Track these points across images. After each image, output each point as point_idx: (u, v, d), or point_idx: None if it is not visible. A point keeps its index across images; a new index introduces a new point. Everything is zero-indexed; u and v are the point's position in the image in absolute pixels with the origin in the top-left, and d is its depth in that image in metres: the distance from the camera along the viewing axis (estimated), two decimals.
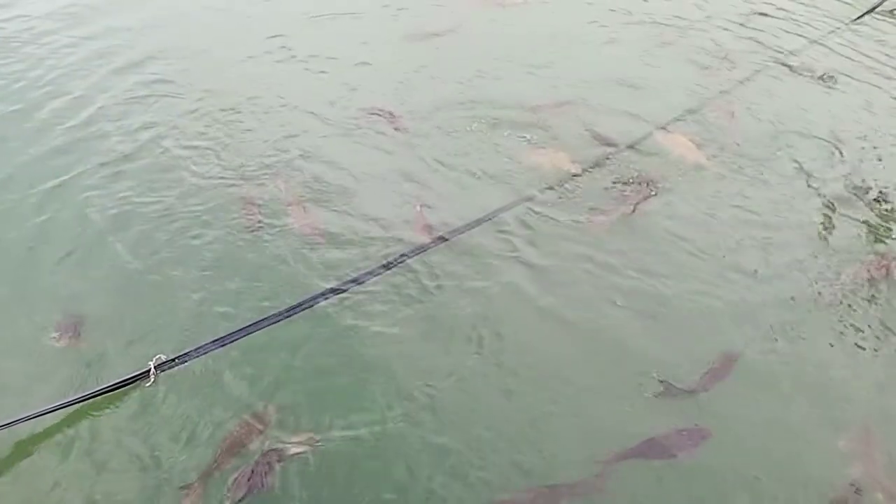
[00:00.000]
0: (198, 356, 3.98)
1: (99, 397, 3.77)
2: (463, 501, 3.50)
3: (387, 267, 4.61)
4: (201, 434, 3.69)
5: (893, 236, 5.20)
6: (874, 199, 5.43)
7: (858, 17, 7.60)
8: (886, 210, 5.38)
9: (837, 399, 4.09)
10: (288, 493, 3.49)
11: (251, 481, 3.46)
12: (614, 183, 5.44)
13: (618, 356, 4.22)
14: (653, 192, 5.33)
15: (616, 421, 3.89)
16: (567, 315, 4.43)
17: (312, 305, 4.32)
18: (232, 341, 4.06)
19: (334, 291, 4.43)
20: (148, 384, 3.84)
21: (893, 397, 4.11)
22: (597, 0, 8.01)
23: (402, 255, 4.68)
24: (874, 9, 7.71)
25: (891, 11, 7.84)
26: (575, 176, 5.43)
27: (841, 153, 5.90)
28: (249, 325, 4.13)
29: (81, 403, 3.75)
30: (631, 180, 5.44)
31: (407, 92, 6.38)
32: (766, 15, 7.83)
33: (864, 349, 4.37)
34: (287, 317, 4.21)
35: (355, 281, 4.50)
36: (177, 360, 3.94)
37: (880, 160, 5.90)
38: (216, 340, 4.03)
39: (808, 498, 3.64)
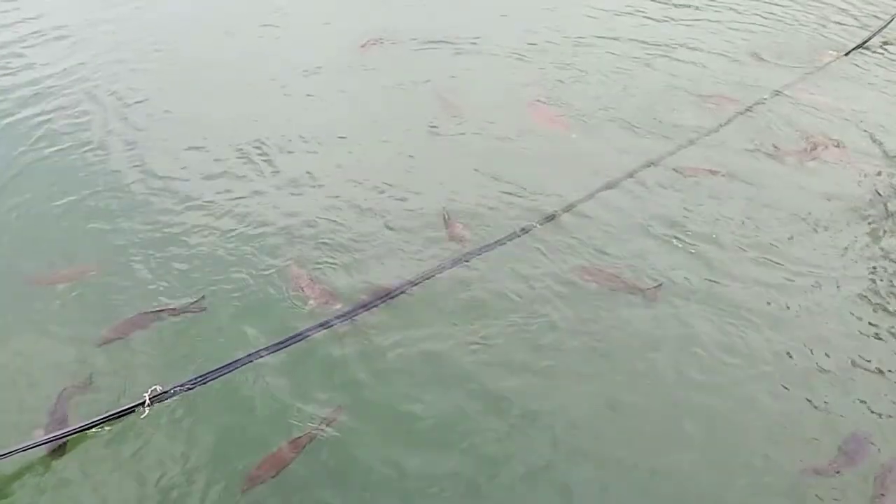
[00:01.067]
0: (193, 388, 3.92)
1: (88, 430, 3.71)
2: None
3: (391, 296, 4.55)
4: (182, 472, 3.62)
5: None
6: None
7: (850, 51, 7.72)
8: None
9: None
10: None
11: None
12: None
13: None
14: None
15: None
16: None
17: (306, 337, 4.24)
18: (231, 370, 4.01)
19: (367, 306, 4.41)
20: (142, 416, 3.78)
21: None
22: None
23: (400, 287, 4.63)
24: (865, 43, 7.83)
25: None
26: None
27: None
28: (249, 355, 4.10)
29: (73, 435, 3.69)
30: None
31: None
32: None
33: None
34: (277, 349, 4.16)
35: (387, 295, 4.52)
36: (172, 392, 3.88)
37: None
38: (213, 371, 3.98)
39: None
